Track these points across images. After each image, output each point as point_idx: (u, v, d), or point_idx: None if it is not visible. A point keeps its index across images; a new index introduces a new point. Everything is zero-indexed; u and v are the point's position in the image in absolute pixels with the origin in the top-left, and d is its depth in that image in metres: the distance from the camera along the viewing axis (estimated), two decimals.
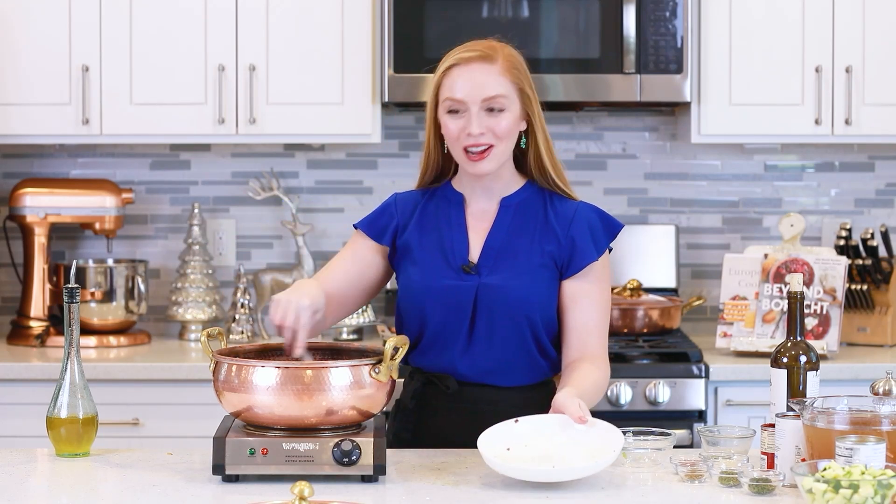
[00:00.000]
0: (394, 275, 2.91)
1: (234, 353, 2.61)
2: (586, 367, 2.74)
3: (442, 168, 2.89)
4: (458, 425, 2.78)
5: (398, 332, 2.85)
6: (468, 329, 2.77)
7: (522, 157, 2.86)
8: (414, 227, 2.86)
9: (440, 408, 2.80)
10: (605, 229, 2.83)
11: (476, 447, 2.57)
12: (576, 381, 2.68)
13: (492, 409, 2.77)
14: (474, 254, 2.81)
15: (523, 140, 2.82)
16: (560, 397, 2.58)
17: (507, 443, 2.51)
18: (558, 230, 2.80)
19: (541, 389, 2.84)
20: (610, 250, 2.85)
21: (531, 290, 2.77)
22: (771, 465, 2.47)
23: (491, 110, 2.74)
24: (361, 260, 2.87)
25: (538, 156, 2.83)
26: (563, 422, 2.54)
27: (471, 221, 2.84)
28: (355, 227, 2.92)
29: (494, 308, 2.76)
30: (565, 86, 4.12)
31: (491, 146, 2.74)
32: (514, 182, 2.85)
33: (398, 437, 2.81)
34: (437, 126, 2.81)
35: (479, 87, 2.73)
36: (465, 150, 2.75)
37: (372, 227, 2.89)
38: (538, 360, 2.81)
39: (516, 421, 2.55)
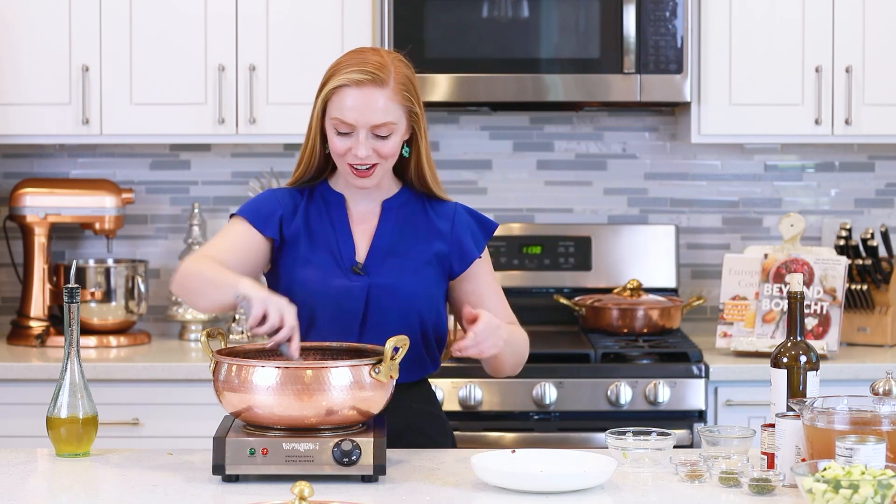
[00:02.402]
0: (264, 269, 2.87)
1: (234, 353, 2.61)
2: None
3: (318, 169, 2.88)
4: None
5: None
6: (359, 329, 2.79)
7: (400, 164, 2.88)
8: (300, 226, 2.84)
9: None
10: (482, 229, 2.90)
11: None
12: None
13: None
14: (361, 254, 2.83)
15: (406, 149, 2.84)
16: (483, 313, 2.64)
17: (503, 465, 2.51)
18: (443, 230, 2.86)
19: (421, 386, 2.90)
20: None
21: (421, 288, 2.81)
22: (771, 465, 2.47)
23: (378, 136, 2.75)
24: (244, 247, 2.80)
25: (419, 164, 2.86)
26: (558, 454, 2.55)
27: (354, 222, 2.86)
28: (235, 214, 2.85)
29: (386, 307, 2.79)
30: (565, 86, 4.12)
31: (375, 165, 2.78)
32: (391, 185, 2.89)
33: None
34: (321, 129, 2.80)
35: (369, 114, 2.73)
36: (350, 165, 2.77)
37: (257, 216, 2.83)
38: (424, 358, 2.85)
39: (513, 451, 2.56)
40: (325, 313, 2.78)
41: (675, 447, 2.66)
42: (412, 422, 2.83)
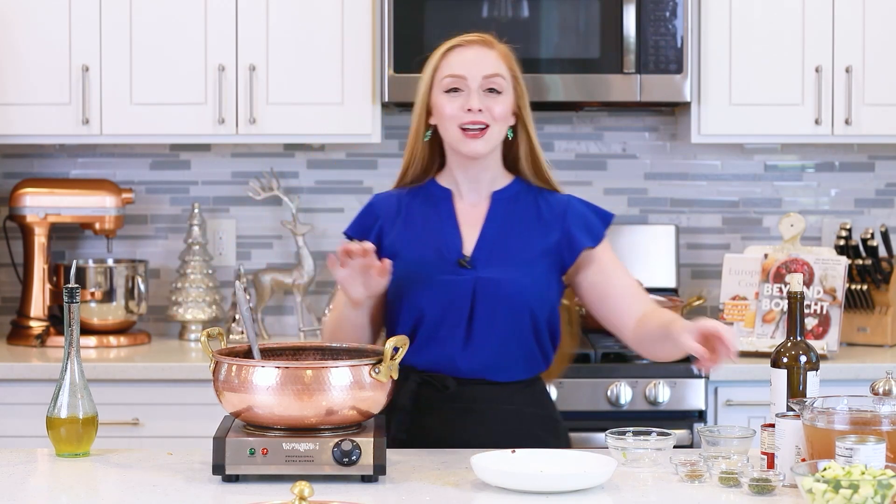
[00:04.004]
0: None
1: (234, 353, 2.62)
2: (656, 309, 2.79)
3: (425, 166, 2.89)
4: (454, 424, 2.78)
5: (389, 330, 2.84)
6: (466, 324, 2.77)
7: (509, 154, 2.87)
8: (401, 225, 2.85)
9: (436, 407, 2.79)
10: (599, 219, 2.87)
11: (473, 447, 2.60)
12: (675, 317, 2.70)
13: (489, 408, 2.78)
14: (468, 247, 2.81)
15: (510, 132, 2.84)
16: (708, 323, 2.55)
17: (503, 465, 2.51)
18: (553, 222, 2.83)
19: (535, 387, 2.85)
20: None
21: (529, 282, 2.78)
22: (771, 465, 2.47)
23: (490, 91, 2.77)
24: None
25: (531, 150, 2.86)
26: (557, 453, 2.55)
27: (461, 216, 2.85)
28: (345, 234, 2.93)
29: (494, 301, 2.76)
30: (565, 86, 4.12)
31: (487, 126, 2.77)
32: (502, 177, 2.87)
33: (394, 439, 2.80)
34: (427, 115, 2.83)
35: (480, 65, 2.78)
36: (462, 129, 2.77)
37: (359, 229, 2.90)
38: (535, 354, 2.82)
39: (513, 451, 2.55)
40: (433, 308, 2.77)
41: (675, 447, 2.66)
42: (520, 426, 2.79)
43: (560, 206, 2.85)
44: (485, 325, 2.76)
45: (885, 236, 4.31)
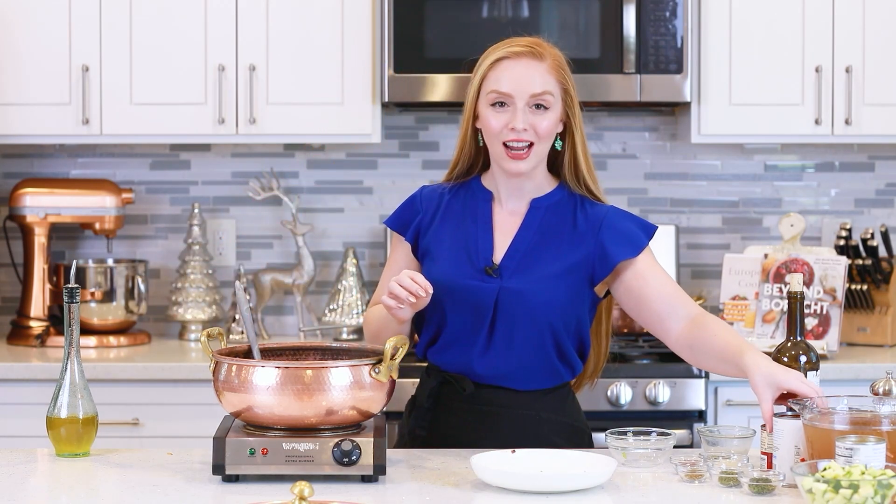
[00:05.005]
0: None
1: (234, 353, 2.62)
2: (718, 323, 2.71)
3: (472, 162, 2.86)
4: (472, 425, 2.78)
5: (416, 326, 2.84)
6: (488, 331, 2.75)
7: (556, 159, 2.83)
8: (439, 222, 2.84)
9: (455, 407, 2.79)
10: (641, 230, 2.80)
11: (487, 448, 2.60)
12: (742, 342, 2.62)
13: (506, 412, 2.77)
14: (498, 255, 2.79)
15: (559, 142, 2.80)
16: (791, 383, 2.47)
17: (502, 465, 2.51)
18: (587, 234, 2.77)
19: (557, 393, 2.82)
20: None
21: (553, 296, 2.74)
22: (770, 465, 2.47)
23: (536, 107, 2.73)
24: (405, 267, 2.85)
25: (574, 159, 2.80)
26: (557, 453, 2.55)
27: (498, 221, 2.82)
28: (385, 223, 2.92)
29: (515, 312, 2.74)
30: None
31: (531, 144, 2.73)
32: (546, 183, 2.83)
33: (413, 435, 2.81)
34: (474, 118, 2.79)
35: (528, 83, 2.72)
36: (505, 146, 2.73)
37: (398, 221, 2.89)
38: (557, 366, 2.79)
39: (513, 451, 2.55)
40: (455, 312, 2.76)
41: (675, 447, 2.66)
42: (538, 431, 2.78)
43: (597, 218, 2.79)
44: (505, 335, 2.75)
45: (885, 236, 4.31)
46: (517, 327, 2.74)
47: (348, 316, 4.34)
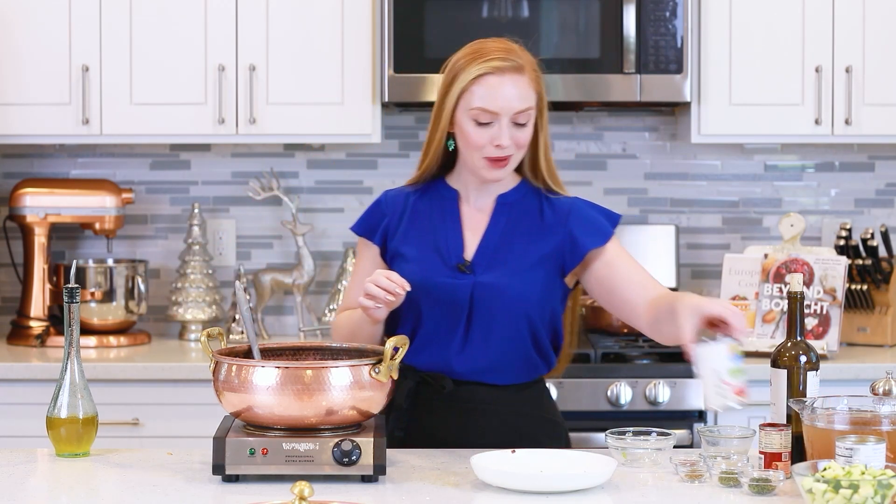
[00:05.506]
0: None
1: (234, 353, 2.62)
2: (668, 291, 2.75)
3: (439, 166, 2.88)
4: (451, 424, 2.79)
5: (390, 329, 2.85)
6: (464, 328, 2.77)
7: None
8: (407, 224, 2.86)
9: (434, 407, 2.80)
10: (606, 219, 2.85)
11: (470, 446, 2.61)
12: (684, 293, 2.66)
13: (486, 408, 2.78)
14: (469, 252, 2.81)
15: None
16: (713, 308, 2.54)
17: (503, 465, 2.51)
18: (556, 226, 2.81)
19: (534, 388, 2.85)
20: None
21: (528, 290, 2.77)
22: (769, 465, 2.47)
23: (517, 123, 2.75)
24: (373, 272, 2.84)
25: (535, 157, 2.84)
26: (557, 453, 2.55)
27: (466, 218, 2.85)
28: (352, 230, 2.94)
29: (491, 307, 2.76)
30: (565, 86, 4.12)
31: (511, 155, 2.76)
32: (509, 179, 2.86)
33: (391, 437, 2.80)
34: (451, 124, 2.80)
35: (513, 100, 2.73)
36: (487, 158, 2.76)
37: (365, 226, 2.91)
38: (534, 359, 2.82)
39: (513, 451, 2.55)
40: (431, 311, 2.77)
41: (675, 447, 2.66)
42: (518, 426, 2.80)
43: (564, 209, 2.83)
44: (482, 330, 2.77)
45: (885, 236, 4.31)
46: (494, 322, 2.76)
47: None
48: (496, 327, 2.76)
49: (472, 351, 2.78)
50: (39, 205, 4.30)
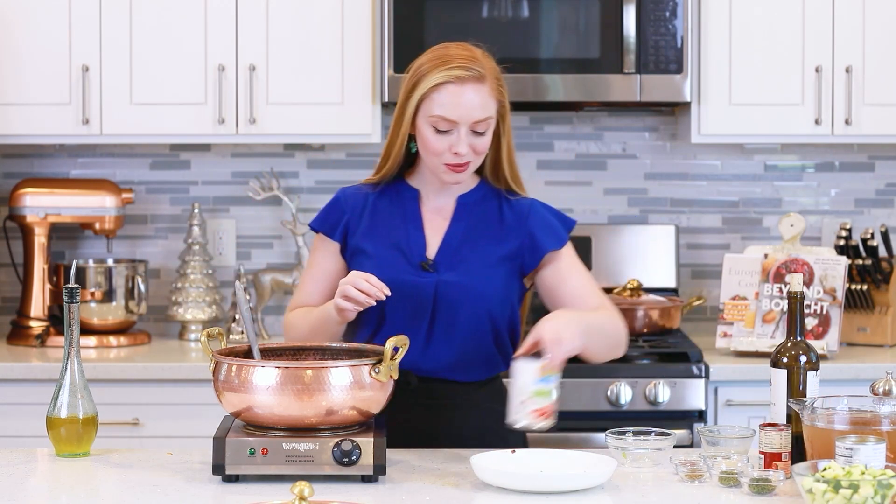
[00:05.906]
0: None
1: (234, 353, 2.62)
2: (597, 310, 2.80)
3: (399, 166, 2.89)
4: (419, 419, 2.81)
5: (353, 327, 2.84)
6: (428, 325, 2.79)
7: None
8: (368, 222, 2.86)
9: (400, 403, 2.79)
10: (562, 223, 2.88)
11: (435, 440, 2.69)
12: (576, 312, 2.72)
13: (451, 404, 2.82)
14: (431, 251, 2.83)
15: None
16: (544, 328, 2.60)
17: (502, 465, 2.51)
18: (516, 226, 2.85)
19: (494, 384, 2.89)
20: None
21: (490, 287, 2.80)
22: (769, 465, 2.47)
23: (475, 132, 2.77)
24: (328, 270, 2.88)
25: (497, 161, 2.86)
26: (557, 453, 2.56)
27: (427, 218, 2.87)
28: (311, 227, 2.93)
29: (455, 305, 2.79)
30: (565, 86, 4.12)
31: (470, 161, 2.79)
32: (470, 181, 2.89)
33: None
34: (411, 126, 2.81)
35: (472, 110, 2.74)
36: (445, 164, 2.78)
37: (324, 223, 2.90)
38: (494, 356, 2.85)
39: (513, 451, 2.56)
40: (395, 309, 2.78)
41: (675, 447, 2.66)
42: (482, 421, 2.83)
43: (523, 211, 2.86)
44: (445, 328, 2.80)
45: (885, 236, 4.31)
46: (458, 319, 2.79)
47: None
48: (459, 325, 2.79)
49: (436, 348, 2.80)
50: (39, 205, 4.30)
